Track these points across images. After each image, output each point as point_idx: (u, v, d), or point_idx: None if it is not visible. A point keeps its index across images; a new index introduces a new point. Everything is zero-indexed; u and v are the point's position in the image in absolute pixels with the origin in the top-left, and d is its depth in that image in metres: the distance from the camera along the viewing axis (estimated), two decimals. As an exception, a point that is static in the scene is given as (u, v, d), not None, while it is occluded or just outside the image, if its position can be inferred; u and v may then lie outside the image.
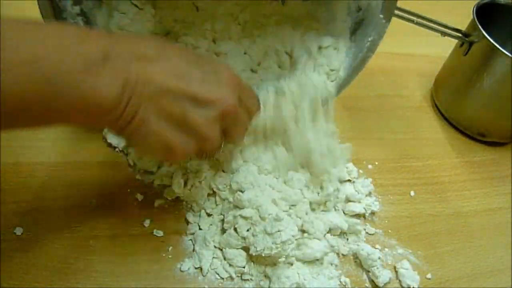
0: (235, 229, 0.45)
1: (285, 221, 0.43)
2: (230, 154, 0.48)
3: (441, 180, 0.60)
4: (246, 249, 0.45)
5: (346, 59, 0.50)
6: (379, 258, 0.47)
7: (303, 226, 0.47)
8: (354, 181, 0.55)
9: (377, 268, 0.46)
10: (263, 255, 0.43)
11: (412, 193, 0.57)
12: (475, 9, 0.61)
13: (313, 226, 0.47)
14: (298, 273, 0.45)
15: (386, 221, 0.53)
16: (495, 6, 0.64)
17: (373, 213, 0.53)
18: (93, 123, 0.32)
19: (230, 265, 0.45)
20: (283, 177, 0.49)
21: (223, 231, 0.46)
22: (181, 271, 0.44)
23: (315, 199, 0.49)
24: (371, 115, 0.65)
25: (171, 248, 0.46)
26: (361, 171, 0.57)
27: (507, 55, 0.56)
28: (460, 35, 0.61)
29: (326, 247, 0.47)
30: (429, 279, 0.48)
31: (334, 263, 0.47)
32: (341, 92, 0.51)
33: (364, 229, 0.51)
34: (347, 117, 0.64)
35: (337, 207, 0.51)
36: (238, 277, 0.44)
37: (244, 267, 0.45)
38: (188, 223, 0.48)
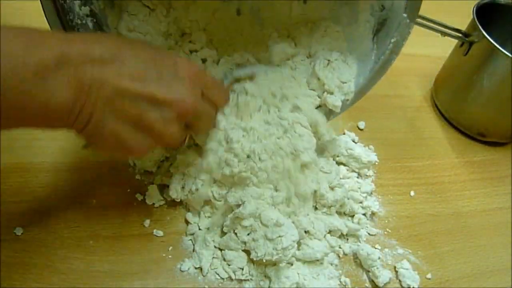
0: (235, 233, 0.45)
1: (285, 226, 0.43)
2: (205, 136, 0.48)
3: (441, 180, 0.60)
4: (246, 250, 0.45)
5: (367, 63, 0.49)
6: (379, 258, 0.47)
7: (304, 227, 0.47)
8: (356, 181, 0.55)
9: (377, 268, 0.46)
10: (264, 260, 0.43)
11: (412, 193, 0.57)
12: (475, 9, 0.61)
13: (313, 226, 0.47)
14: (298, 273, 0.45)
15: (386, 221, 0.53)
16: (495, 6, 0.64)
17: (373, 213, 0.53)
18: (50, 126, 0.33)
19: (230, 266, 0.45)
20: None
21: (223, 232, 0.46)
22: (181, 271, 0.44)
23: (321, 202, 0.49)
24: (371, 115, 0.65)
25: (171, 248, 0.46)
26: (361, 171, 0.57)
27: (507, 55, 0.56)
28: (460, 35, 0.61)
29: (326, 247, 0.47)
30: (429, 279, 0.48)
31: (334, 263, 0.47)
32: (360, 98, 0.50)
33: (364, 229, 0.51)
34: (347, 117, 0.64)
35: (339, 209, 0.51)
36: (238, 277, 0.44)
37: (244, 268, 0.45)
38: (188, 223, 0.48)
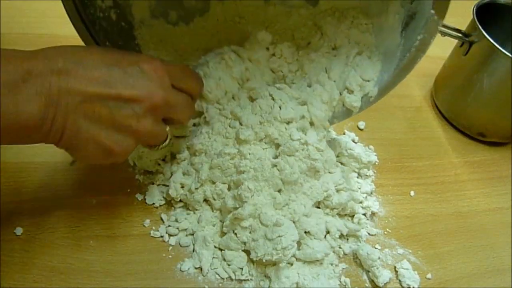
0: (235, 233, 0.45)
1: (285, 226, 0.43)
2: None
3: (441, 180, 0.60)
4: (246, 250, 0.45)
5: (393, 59, 0.47)
6: (379, 258, 0.47)
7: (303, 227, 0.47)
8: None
9: (377, 268, 0.46)
10: (264, 260, 0.43)
11: (412, 193, 0.57)
12: (475, 9, 0.61)
13: (314, 227, 0.47)
14: (298, 273, 0.45)
15: (386, 221, 0.53)
16: (495, 6, 0.64)
17: (373, 213, 0.53)
18: (24, 142, 0.33)
19: (229, 266, 0.45)
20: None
21: (223, 232, 0.46)
22: (181, 271, 0.44)
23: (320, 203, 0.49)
24: (371, 115, 0.65)
25: (171, 248, 0.46)
26: (361, 171, 0.57)
27: (507, 55, 0.56)
28: (460, 35, 0.61)
29: (326, 247, 0.47)
30: (429, 279, 0.48)
31: (334, 263, 0.47)
32: (383, 96, 0.49)
33: (364, 229, 0.51)
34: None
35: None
36: (238, 277, 0.44)
37: (244, 268, 0.45)
38: (188, 223, 0.48)
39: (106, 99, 0.34)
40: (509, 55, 0.56)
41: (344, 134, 0.62)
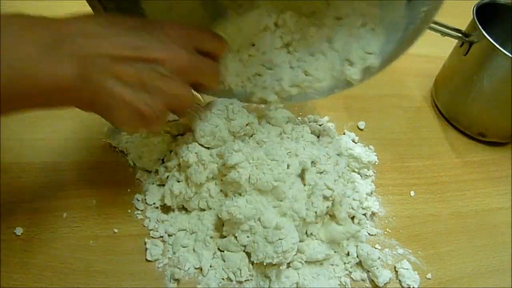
0: (235, 236, 0.45)
1: (286, 229, 0.43)
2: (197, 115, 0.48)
3: (441, 180, 0.60)
4: (246, 251, 0.45)
5: (397, 30, 0.46)
6: (379, 258, 0.47)
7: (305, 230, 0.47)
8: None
9: (377, 268, 0.46)
10: (265, 263, 0.43)
11: (412, 193, 0.57)
12: (475, 9, 0.61)
13: (314, 229, 0.47)
14: (298, 273, 0.45)
15: (386, 221, 0.53)
16: (495, 6, 0.64)
17: (373, 213, 0.53)
18: (59, 104, 0.35)
19: (229, 266, 0.44)
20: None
21: (224, 232, 0.46)
22: (181, 271, 0.44)
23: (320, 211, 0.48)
24: (371, 115, 0.65)
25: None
26: (361, 171, 0.57)
27: (507, 55, 0.56)
28: (460, 35, 0.61)
29: (327, 249, 0.47)
30: (429, 279, 0.48)
31: (334, 263, 0.47)
32: (385, 67, 0.48)
33: (364, 229, 0.51)
34: (347, 117, 0.64)
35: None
36: (238, 277, 0.44)
37: (244, 268, 0.45)
38: (188, 223, 0.48)
39: (134, 61, 0.35)
40: (509, 55, 0.56)
41: (344, 134, 0.62)
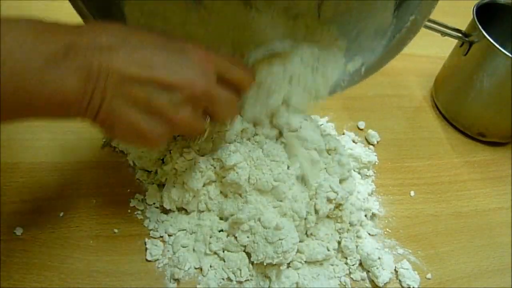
0: (235, 237, 0.45)
1: (286, 229, 0.43)
2: (219, 138, 0.47)
3: (441, 180, 0.60)
4: (246, 252, 0.45)
5: (383, 39, 0.46)
6: (379, 258, 0.47)
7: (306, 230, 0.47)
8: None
9: (377, 268, 0.46)
10: (265, 263, 0.43)
11: (412, 193, 0.57)
12: (475, 9, 0.61)
13: (315, 228, 0.47)
14: (298, 273, 0.45)
15: (386, 221, 0.53)
16: (495, 6, 0.64)
17: (373, 213, 0.53)
18: (62, 116, 0.33)
19: (230, 266, 0.44)
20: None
21: (223, 233, 0.46)
22: (181, 271, 0.44)
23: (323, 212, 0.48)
24: (371, 115, 0.65)
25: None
26: (361, 171, 0.57)
27: (507, 55, 0.56)
28: (460, 35, 0.61)
29: (328, 249, 0.47)
30: (429, 279, 0.48)
31: (334, 263, 0.47)
32: (370, 75, 0.48)
33: (364, 229, 0.51)
34: (347, 117, 0.64)
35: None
36: (238, 277, 0.44)
37: (244, 268, 0.45)
38: (188, 223, 0.48)
39: (145, 82, 0.33)
40: (509, 55, 0.56)
41: (344, 134, 0.62)
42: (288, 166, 0.46)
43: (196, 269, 0.45)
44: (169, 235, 0.47)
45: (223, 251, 0.45)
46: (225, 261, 0.45)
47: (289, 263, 0.45)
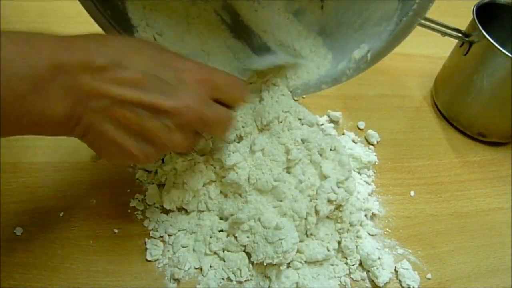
0: (235, 236, 0.45)
1: (286, 229, 0.43)
2: (222, 145, 0.46)
3: (441, 180, 0.60)
4: (246, 252, 0.45)
5: (389, 24, 0.44)
6: (379, 258, 0.47)
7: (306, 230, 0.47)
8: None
9: (377, 268, 0.46)
10: (265, 264, 0.43)
11: (412, 193, 0.57)
12: (475, 9, 0.61)
13: (315, 228, 0.47)
14: (298, 273, 0.45)
15: (386, 221, 0.53)
16: (495, 6, 0.64)
17: (373, 213, 0.53)
18: (50, 134, 0.32)
19: (230, 266, 0.44)
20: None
21: (223, 233, 0.46)
22: (181, 271, 0.44)
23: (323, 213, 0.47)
24: (371, 115, 0.65)
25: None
26: (361, 171, 0.57)
27: (507, 55, 0.56)
28: (460, 35, 0.61)
29: (328, 249, 0.47)
30: (429, 279, 0.48)
31: (334, 263, 0.47)
32: (376, 62, 0.47)
33: (364, 229, 0.51)
34: (347, 117, 0.64)
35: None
36: (238, 277, 0.44)
37: (244, 268, 0.45)
38: (188, 223, 0.48)
39: (136, 106, 0.32)
40: (509, 55, 0.56)
41: (344, 134, 0.62)
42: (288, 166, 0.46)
43: (196, 269, 0.45)
44: (169, 235, 0.47)
45: (223, 251, 0.45)
46: (225, 261, 0.45)
47: (289, 263, 0.45)
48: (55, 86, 0.29)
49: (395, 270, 0.48)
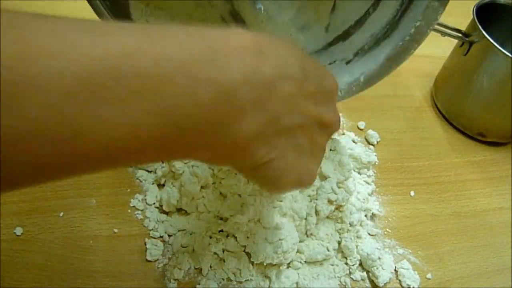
0: (235, 237, 0.45)
1: (285, 229, 0.43)
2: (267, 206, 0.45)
3: (441, 180, 0.60)
4: (246, 252, 0.45)
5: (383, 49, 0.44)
6: (379, 258, 0.47)
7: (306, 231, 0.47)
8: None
9: (377, 268, 0.46)
10: (265, 264, 0.43)
11: (412, 193, 0.57)
12: (475, 9, 0.61)
13: (315, 228, 0.47)
14: (298, 273, 0.45)
15: (386, 221, 0.53)
16: (495, 6, 0.64)
17: (373, 213, 0.53)
18: (215, 162, 0.27)
19: (229, 266, 0.44)
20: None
21: (223, 233, 0.46)
22: (181, 271, 0.44)
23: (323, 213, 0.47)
24: (371, 115, 0.65)
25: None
26: (361, 171, 0.57)
27: (507, 55, 0.56)
28: (460, 35, 0.61)
29: (328, 249, 0.47)
30: (429, 279, 0.48)
31: (334, 263, 0.47)
32: (369, 85, 0.46)
33: (364, 229, 0.51)
34: (347, 117, 0.64)
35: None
36: (237, 277, 0.44)
37: (244, 268, 0.45)
38: (188, 223, 0.48)
39: (312, 123, 0.28)
40: (509, 55, 0.56)
41: (344, 134, 0.62)
42: None
43: (196, 269, 0.45)
44: (169, 235, 0.47)
45: (223, 251, 0.45)
46: (225, 261, 0.45)
47: (289, 263, 0.45)
48: (248, 96, 0.23)
49: (395, 270, 0.48)
